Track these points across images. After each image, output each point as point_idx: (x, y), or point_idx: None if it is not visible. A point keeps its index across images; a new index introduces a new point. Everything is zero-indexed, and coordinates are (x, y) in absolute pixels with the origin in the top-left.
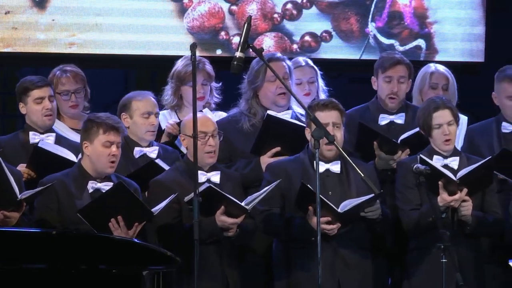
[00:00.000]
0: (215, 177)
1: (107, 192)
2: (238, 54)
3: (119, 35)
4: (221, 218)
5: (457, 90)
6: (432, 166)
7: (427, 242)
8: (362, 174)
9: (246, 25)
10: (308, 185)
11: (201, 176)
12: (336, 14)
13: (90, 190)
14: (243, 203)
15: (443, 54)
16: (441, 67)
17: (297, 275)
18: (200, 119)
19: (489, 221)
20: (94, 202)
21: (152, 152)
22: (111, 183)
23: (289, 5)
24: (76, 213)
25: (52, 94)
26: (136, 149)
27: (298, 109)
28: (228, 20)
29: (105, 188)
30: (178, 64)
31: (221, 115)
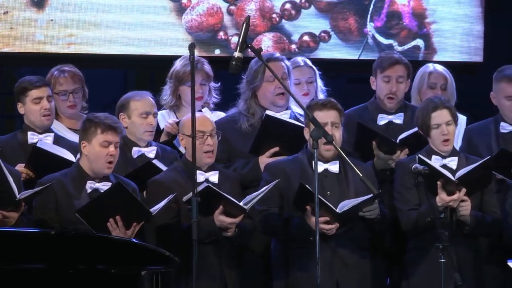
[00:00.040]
0: (214, 177)
1: (106, 192)
2: (237, 54)
3: (118, 35)
4: (220, 218)
5: (456, 90)
6: (431, 166)
7: (426, 242)
8: (361, 174)
9: (245, 25)
10: (307, 185)
11: (200, 176)
12: (335, 14)
13: (89, 190)
14: (242, 203)
15: (442, 54)
16: (440, 67)
17: (296, 275)
18: (199, 119)
19: (488, 221)
20: (93, 202)
21: (150, 152)
22: (110, 183)
23: (288, 5)
24: (75, 213)
25: (51, 94)
26: (134, 149)
27: (297, 109)
28: (227, 20)
29: (104, 188)
30: (177, 64)
31: (220, 115)
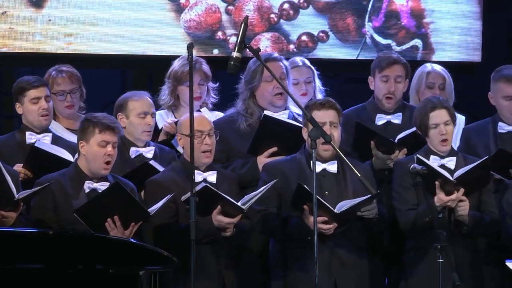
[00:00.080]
0: (212, 177)
1: (104, 192)
2: (235, 54)
3: (116, 34)
4: (218, 218)
5: (454, 90)
6: (429, 166)
7: (424, 242)
8: (359, 174)
9: (243, 25)
10: (305, 186)
11: (198, 176)
12: (333, 14)
13: (87, 190)
14: (240, 203)
15: (440, 54)
16: (438, 67)
17: (294, 275)
18: (197, 118)
19: (486, 221)
20: (91, 202)
21: (148, 152)
22: (108, 183)
23: (286, 5)
24: (73, 213)
25: (49, 94)
26: (132, 149)
27: (295, 109)
28: (225, 20)
29: (102, 188)
30: (175, 64)
31: (218, 115)
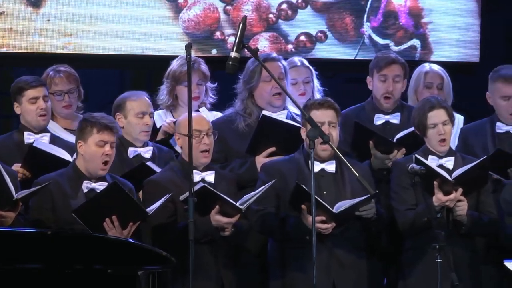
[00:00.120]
0: (210, 177)
1: (102, 192)
2: (233, 54)
3: (115, 35)
4: (216, 218)
5: (452, 90)
6: (427, 166)
7: (423, 242)
8: (357, 174)
9: (241, 25)
10: (303, 186)
11: (196, 176)
12: (331, 14)
13: (85, 190)
14: (238, 203)
15: (438, 54)
16: (436, 67)
17: (292, 275)
18: (195, 118)
19: (484, 221)
20: (89, 202)
21: (147, 152)
22: (106, 183)
23: (284, 5)
24: (71, 213)
25: (47, 94)
26: (130, 149)
27: (294, 109)
28: (223, 20)
29: (100, 188)
30: (174, 64)
31: (217, 115)
